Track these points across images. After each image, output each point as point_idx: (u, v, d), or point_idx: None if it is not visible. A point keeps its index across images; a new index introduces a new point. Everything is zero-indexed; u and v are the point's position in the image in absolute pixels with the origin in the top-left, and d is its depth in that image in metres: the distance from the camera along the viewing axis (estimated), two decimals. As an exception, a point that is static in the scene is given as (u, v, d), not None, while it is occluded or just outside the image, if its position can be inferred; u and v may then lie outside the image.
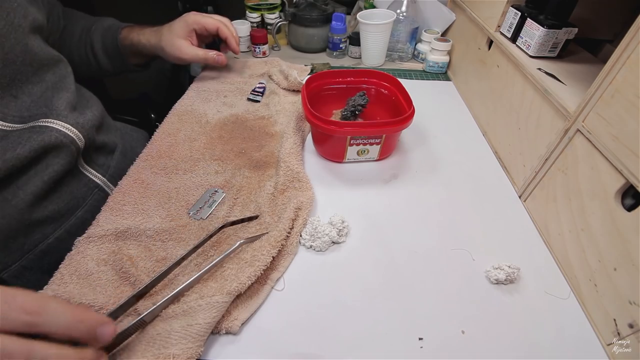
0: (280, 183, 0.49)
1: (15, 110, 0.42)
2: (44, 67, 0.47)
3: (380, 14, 0.79)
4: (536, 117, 0.50)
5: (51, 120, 0.45)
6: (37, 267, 0.44)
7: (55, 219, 0.46)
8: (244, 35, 0.86)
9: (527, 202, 0.50)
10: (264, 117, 0.64)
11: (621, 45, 0.35)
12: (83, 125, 0.48)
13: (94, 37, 0.62)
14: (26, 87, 0.44)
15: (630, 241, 0.33)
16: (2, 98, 0.41)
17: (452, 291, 0.40)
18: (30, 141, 0.42)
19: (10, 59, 0.41)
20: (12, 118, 0.42)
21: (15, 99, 0.43)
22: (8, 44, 0.41)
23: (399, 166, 0.56)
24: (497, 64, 0.62)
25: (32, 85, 0.45)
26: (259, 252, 0.39)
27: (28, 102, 0.44)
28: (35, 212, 0.43)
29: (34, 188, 0.43)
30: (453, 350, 0.35)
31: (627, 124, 0.34)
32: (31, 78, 0.44)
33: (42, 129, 0.43)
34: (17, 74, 0.43)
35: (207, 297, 0.34)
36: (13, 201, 0.41)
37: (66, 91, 0.49)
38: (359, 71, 0.62)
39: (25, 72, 0.44)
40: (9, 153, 0.40)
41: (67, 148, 0.45)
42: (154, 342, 0.32)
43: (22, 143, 0.41)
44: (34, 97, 0.45)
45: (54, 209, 0.46)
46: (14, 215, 0.41)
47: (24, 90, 0.44)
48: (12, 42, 0.41)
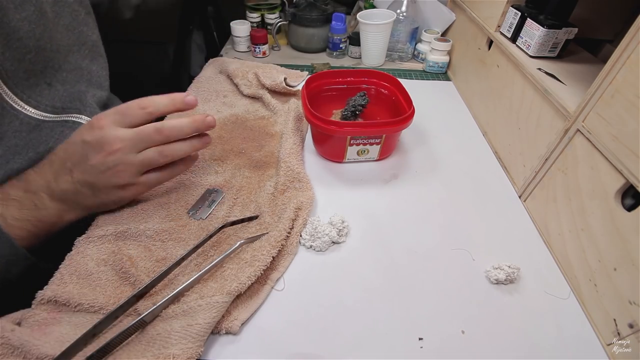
0: (281, 183, 0.49)
1: (48, 99, 0.43)
2: (78, 52, 0.48)
3: (380, 14, 0.79)
4: (536, 117, 0.50)
5: (84, 117, 0.46)
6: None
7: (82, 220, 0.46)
8: (244, 35, 0.86)
9: (527, 202, 0.50)
10: (264, 117, 0.64)
11: (621, 45, 0.35)
12: None
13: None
14: (60, 74, 0.45)
15: (630, 241, 0.33)
16: (36, 85, 0.42)
17: (452, 291, 0.40)
18: (62, 135, 0.42)
19: (42, 45, 0.42)
20: (44, 107, 0.43)
21: (49, 86, 0.44)
22: (39, 30, 0.41)
23: (399, 166, 0.56)
24: (497, 64, 0.62)
25: (66, 73, 0.46)
26: (259, 252, 0.39)
27: (61, 90, 0.45)
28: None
29: None
30: (453, 350, 0.35)
31: (627, 124, 0.34)
32: (63, 65, 0.46)
33: (74, 125, 0.44)
34: (49, 60, 0.43)
35: (207, 297, 0.34)
36: None
37: (100, 89, 0.50)
38: (359, 71, 0.62)
39: (56, 58, 0.45)
40: (42, 146, 0.41)
41: None
42: (154, 342, 0.32)
43: (54, 137, 0.42)
44: (67, 85, 0.45)
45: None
46: None
47: (58, 78, 0.45)
48: (42, 28, 0.42)
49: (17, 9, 0.39)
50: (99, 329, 0.33)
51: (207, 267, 0.37)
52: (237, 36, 0.86)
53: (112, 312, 0.33)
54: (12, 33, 0.39)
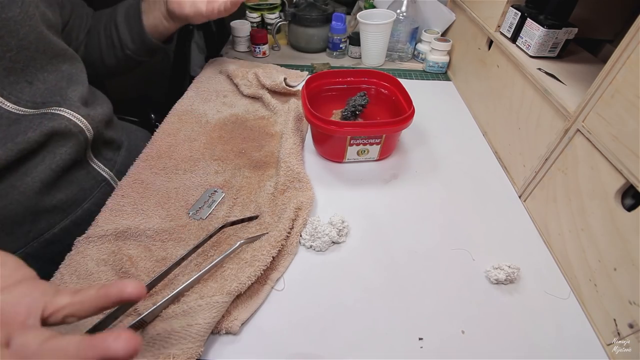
0: (281, 183, 0.49)
1: (29, 95, 0.43)
2: (59, 57, 0.48)
3: (380, 14, 0.79)
4: (536, 117, 0.50)
5: (63, 109, 0.46)
6: (41, 255, 0.45)
7: (62, 209, 0.47)
8: (244, 35, 0.86)
9: (527, 202, 0.50)
10: (264, 117, 0.64)
11: (621, 45, 0.35)
12: (93, 118, 0.49)
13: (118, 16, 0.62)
14: (41, 74, 0.45)
15: (630, 241, 0.33)
16: (17, 83, 0.42)
17: (452, 291, 0.40)
18: (40, 126, 0.43)
19: (24, 45, 0.42)
20: (25, 103, 0.43)
21: (30, 84, 0.44)
22: (23, 31, 0.42)
23: (399, 166, 0.56)
24: (497, 64, 0.62)
25: (47, 74, 0.46)
26: (259, 252, 0.39)
27: (42, 89, 0.45)
28: (42, 200, 0.44)
29: (42, 175, 0.43)
30: (453, 350, 0.35)
31: (627, 124, 0.34)
32: (46, 66, 0.46)
33: (53, 116, 0.44)
34: (31, 60, 0.44)
35: (207, 297, 0.34)
36: (20, 187, 0.42)
37: (80, 85, 0.50)
38: (359, 71, 0.62)
39: (39, 59, 0.45)
40: (20, 136, 0.41)
41: (75, 137, 0.46)
42: (154, 342, 0.32)
43: (32, 127, 0.42)
44: (48, 85, 0.46)
45: (61, 199, 0.46)
46: (21, 202, 0.42)
47: (39, 77, 0.45)
48: (26, 29, 0.42)
49: (3, 9, 0.40)
50: (99, 329, 0.33)
51: (207, 267, 0.37)
52: (237, 36, 0.86)
53: (112, 312, 0.33)
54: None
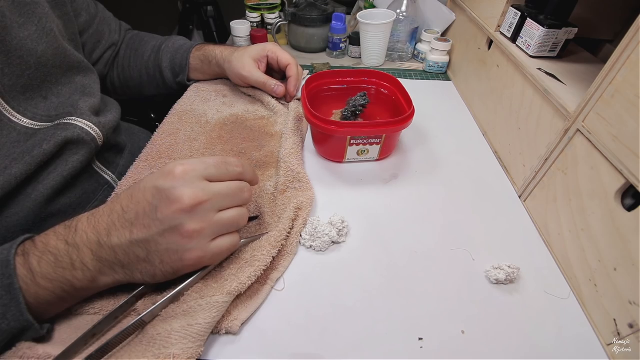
0: (281, 183, 0.49)
1: (44, 110, 0.45)
2: (74, 69, 0.49)
3: (380, 14, 0.79)
4: (536, 117, 0.50)
5: (75, 118, 0.46)
6: None
7: (66, 212, 0.47)
8: (244, 35, 0.86)
9: (527, 202, 0.50)
10: (264, 117, 0.64)
11: (621, 45, 0.35)
12: (104, 125, 0.50)
13: (163, 56, 0.67)
14: (56, 88, 0.46)
15: (630, 241, 0.33)
16: (32, 99, 0.44)
17: (452, 291, 0.40)
18: (55, 137, 0.43)
19: (43, 62, 0.44)
20: (40, 117, 0.44)
21: (45, 99, 0.45)
22: (41, 48, 0.43)
23: (399, 166, 0.56)
24: (497, 64, 0.62)
25: (62, 87, 0.47)
26: (259, 252, 0.39)
27: (56, 102, 0.46)
28: (50, 205, 0.45)
29: (54, 183, 0.44)
30: (453, 350, 0.35)
31: (627, 124, 0.34)
32: (61, 79, 0.47)
33: (66, 126, 0.45)
34: (48, 75, 0.45)
35: (207, 297, 0.34)
36: (33, 195, 0.42)
37: (92, 97, 0.51)
38: (359, 71, 0.62)
39: (55, 73, 0.46)
40: (36, 149, 0.42)
41: (87, 145, 0.47)
42: (154, 342, 0.32)
43: (47, 139, 0.43)
44: (62, 98, 0.47)
45: (67, 203, 0.47)
46: (32, 209, 0.42)
47: (54, 92, 0.46)
48: (44, 46, 0.44)
49: (20, 28, 0.41)
50: (99, 329, 0.33)
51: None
52: (237, 36, 0.86)
53: (112, 312, 0.33)
54: (14, 51, 0.41)
